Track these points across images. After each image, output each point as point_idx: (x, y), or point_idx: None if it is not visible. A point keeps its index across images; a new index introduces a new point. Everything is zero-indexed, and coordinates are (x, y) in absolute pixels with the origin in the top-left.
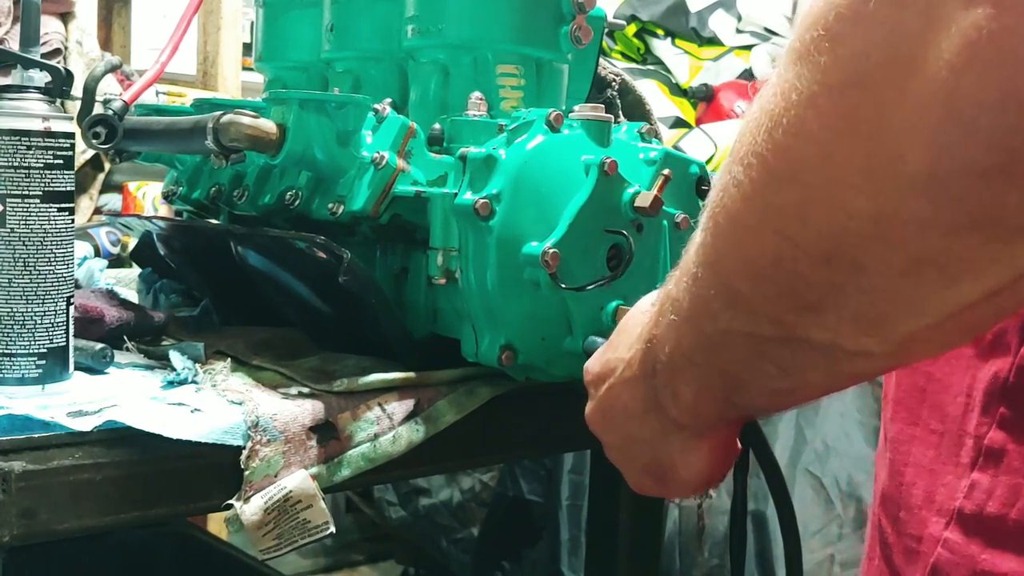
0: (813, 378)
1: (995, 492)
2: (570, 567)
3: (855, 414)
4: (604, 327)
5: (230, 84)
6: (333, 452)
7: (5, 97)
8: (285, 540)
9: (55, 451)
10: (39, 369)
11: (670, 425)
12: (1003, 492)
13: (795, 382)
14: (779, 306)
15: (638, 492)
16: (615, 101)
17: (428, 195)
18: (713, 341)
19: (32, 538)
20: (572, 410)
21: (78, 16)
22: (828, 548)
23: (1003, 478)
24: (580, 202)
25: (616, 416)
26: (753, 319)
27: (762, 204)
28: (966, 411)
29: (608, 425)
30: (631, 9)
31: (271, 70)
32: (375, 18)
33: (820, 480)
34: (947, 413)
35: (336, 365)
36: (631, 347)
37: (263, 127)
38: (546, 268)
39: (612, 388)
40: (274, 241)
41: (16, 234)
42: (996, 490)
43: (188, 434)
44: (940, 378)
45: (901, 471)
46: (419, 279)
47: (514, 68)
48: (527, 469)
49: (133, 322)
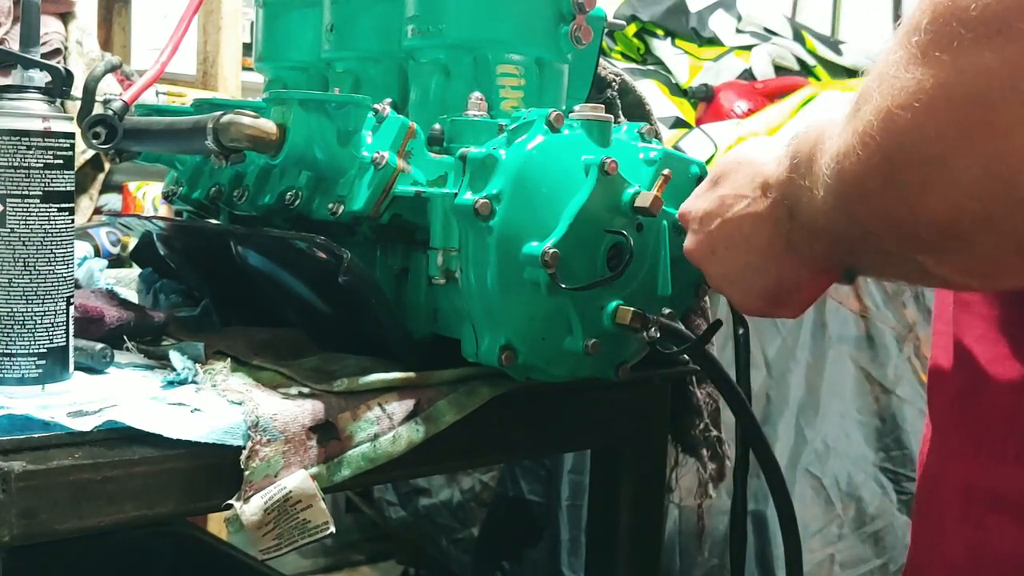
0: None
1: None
2: (570, 567)
3: (855, 414)
4: (604, 327)
5: (230, 84)
6: (333, 452)
7: (5, 97)
8: (285, 540)
9: (55, 451)
10: (39, 369)
11: (802, 262)
12: None
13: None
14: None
15: (746, 313)
16: (615, 101)
17: (428, 195)
18: (844, 235)
19: (32, 538)
20: (572, 410)
21: (78, 16)
22: (828, 548)
23: None
24: (580, 202)
25: (733, 248)
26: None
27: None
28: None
29: (719, 257)
30: (631, 9)
31: (271, 70)
32: (375, 18)
33: (820, 480)
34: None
35: (336, 365)
36: (753, 187)
37: (263, 127)
38: (546, 268)
39: (729, 222)
40: (274, 241)
41: (16, 234)
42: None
43: (188, 434)
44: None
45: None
46: (419, 279)
47: (514, 68)
48: (527, 469)
49: (133, 322)
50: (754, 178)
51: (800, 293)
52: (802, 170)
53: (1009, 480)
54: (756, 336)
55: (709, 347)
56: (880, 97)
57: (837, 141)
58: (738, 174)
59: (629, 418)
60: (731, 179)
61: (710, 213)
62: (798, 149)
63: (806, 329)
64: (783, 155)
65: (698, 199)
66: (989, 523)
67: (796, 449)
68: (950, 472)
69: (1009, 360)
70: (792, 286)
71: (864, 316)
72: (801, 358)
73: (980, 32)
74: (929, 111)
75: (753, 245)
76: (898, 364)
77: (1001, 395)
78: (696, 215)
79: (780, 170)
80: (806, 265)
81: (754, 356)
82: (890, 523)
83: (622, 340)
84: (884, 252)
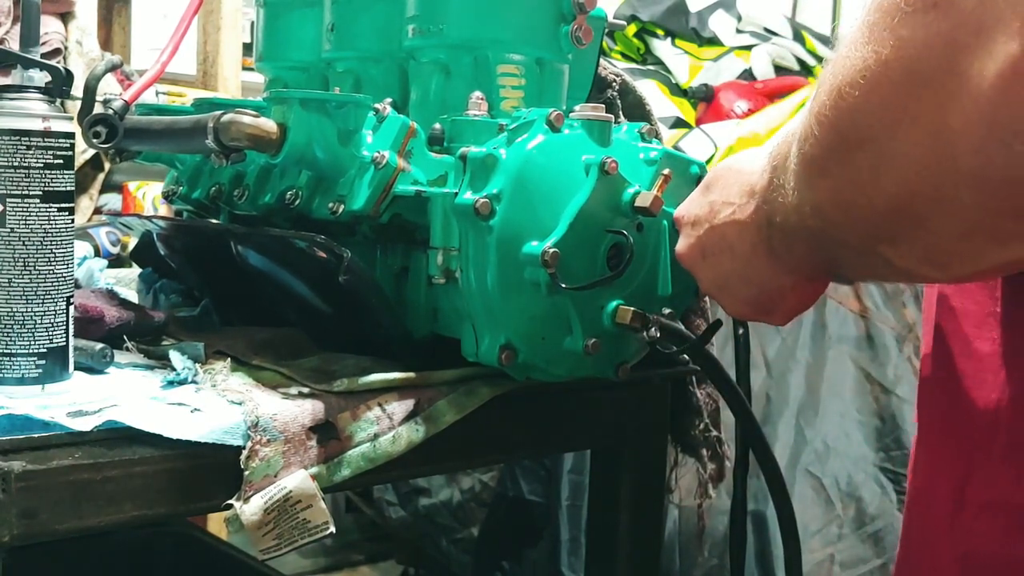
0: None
1: None
2: (570, 567)
3: (855, 414)
4: (604, 327)
5: (230, 84)
6: (333, 452)
7: (5, 97)
8: (285, 540)
9: (55, 451)
10: (39, 369)
11: (783, 268)
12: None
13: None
14: (861, 234)
15: (736, 317)
16: (615, 101)
17: (428, 195)
18: (814, 231)
19: (32, 538)
20: (572, 410)
21: (78, 16)
22: (828, 548)
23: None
24: (580, 202)
25: (720, 255)
26: (842, 233)
27: (836, 159)
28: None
29: (708, 262)
30: (631, 9)
31: (271, 70)
32: (376, 18)
33: (820, 480)
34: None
35: (336, 365)
36: (740, 194)
37: (264, 126)
38: (546, 268)
39: (716, 229)
40: (274, 241)
41: (16, 234)
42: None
43: (188, 434)
44: (973, 374)
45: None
46: (419, 279)
47: (515, 68)
48: (527, 469)
49: (133, 322)
50: (742, 186)
51: (785, 301)
52: (779, 171)
53: (997, 480)
54: (756, 336)
55: (709, 347)
56: (832, 76)
57: (800, 125)
58: (728, 181)
59: (629, 418)
60: (721, 186)
61: (700, 219)
62: (778, 151)
63: (806, 329)
64: (766, 162)
65: (691, 204)
66: (979, 527)
67: (796, 449)
68: (939, 476)
69: (991, 357)
70: (775, 294)
71: (864, 316)
72: (801, 358)
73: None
74: (873, 88)
75: (737, 252)
76: (898, 364)
77: (985, 393)
78: (688, 220)
79: (763, 175)
80: (788, 272)
81: (754, 356)
82: (890, 523)
83: (622, 340)
84: (851, 248)
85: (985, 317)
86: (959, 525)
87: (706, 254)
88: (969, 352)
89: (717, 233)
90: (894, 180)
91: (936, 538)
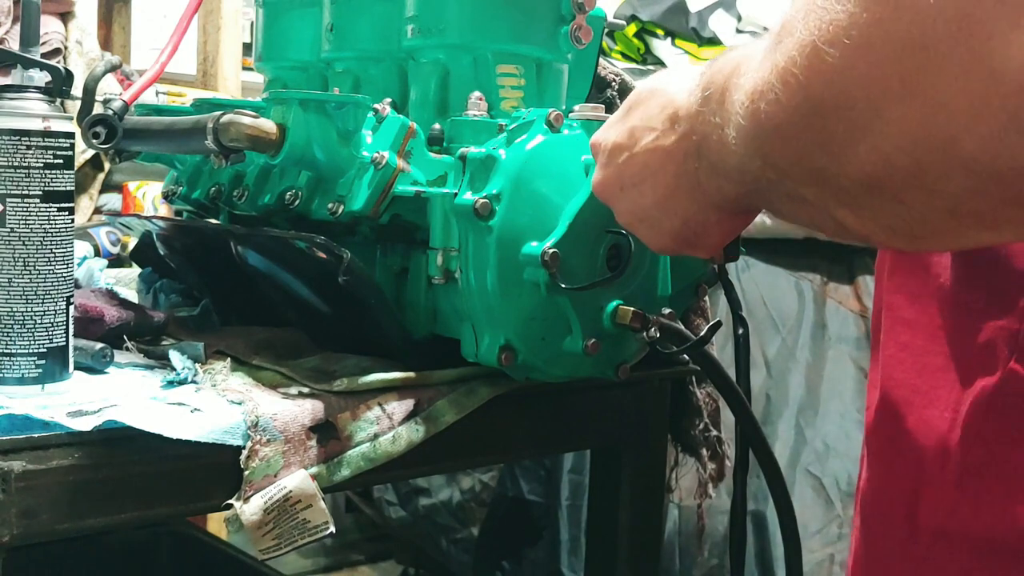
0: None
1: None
2: (570, 567)
3: (855, 414)
4: (604, 327)
5: (230, 84)
6: (333, 452)
7: (5, 97)
8: (285, 540)
9: (55, 451)
10: (39, 369)
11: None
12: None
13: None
14: (820, 194)
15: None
16: (615, 101)
17: (428, 195)
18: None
19: (32, 538)
20: (572, 410)
21: (78, 16)
22: (828, 548)
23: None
24: (580, 202)
25: (640, 185)
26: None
27: (803, 123)
28: (951, 426)
29: (627, 194)
30: (631, 9)
31: (271, 70)
32: (375, 18)
33: (820, 480)
34: (932, 427)
35: (336, 365)
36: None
37: (263, 127)
38: (546, 268)
39: (636, 157)
40: (274, 241)
41: (16, 234)
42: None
43: (188, 434)
44: (926, 391)
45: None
46: (419, 279)
47: (514, 68)
48: (527, 469)
49: (133, 322)
50: (664, 108)
51: (709, 236)
52: (713, 105)
53: (952, 510)
54: (756, 336)
55: (709, 347)
56: (805, 30)
57: (754, 77)
58: (650, 103)
59: (629, 418)
60: (642, 109)
61: (619, 146)
62: (711, 80)
63: (806, 329)
64: (695, 85)
65: (608, 130)
66: (935, 554)
67: (796, 449)
68: (893, 504)
69: (941, 373)
70: (699, 228)
71: (864, 316)
72: (801, 358)
73: None
74: (862, 51)
75: (659, 182)
76: None
77: (935, 416)
78: (605, 147)
79: (691, 101)
80: (715, 207)
81: (754, 356)
82: None
83: (622, 340)
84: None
85: (936, 330)
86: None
87: (625, 185)
88: (921, 367)
89: (638, 162)
90: (871, 152)
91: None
